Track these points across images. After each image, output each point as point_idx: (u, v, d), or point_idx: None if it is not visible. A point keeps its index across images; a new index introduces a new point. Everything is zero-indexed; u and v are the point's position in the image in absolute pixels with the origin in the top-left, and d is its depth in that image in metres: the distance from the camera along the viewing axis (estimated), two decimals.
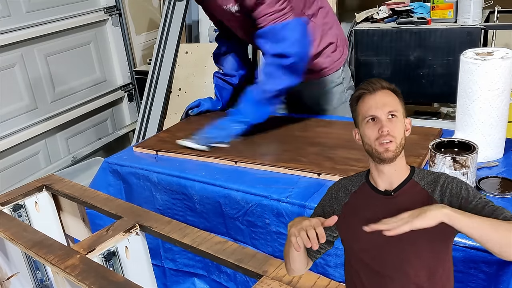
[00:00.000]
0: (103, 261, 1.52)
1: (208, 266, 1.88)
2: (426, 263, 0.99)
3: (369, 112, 1.00)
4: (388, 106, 1.00)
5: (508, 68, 1.51)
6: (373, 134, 0.99)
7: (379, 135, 0.98)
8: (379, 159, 0.99)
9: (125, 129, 4.02)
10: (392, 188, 1.02)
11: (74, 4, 3.52)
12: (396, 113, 1.00)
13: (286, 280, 1.27)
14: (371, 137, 1.00)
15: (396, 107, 1.01)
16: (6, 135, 3.08)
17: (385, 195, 1.02)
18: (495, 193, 1.41)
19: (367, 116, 1.00)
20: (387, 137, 0.98)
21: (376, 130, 0.99)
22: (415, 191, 1.01)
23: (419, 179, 1.03)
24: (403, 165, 1.03)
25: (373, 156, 1.01)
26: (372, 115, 1.00)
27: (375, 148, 0.99)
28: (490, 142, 1.59)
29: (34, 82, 3.27)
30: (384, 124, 0.98)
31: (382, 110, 0.99)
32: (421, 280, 0.99)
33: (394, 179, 1.02)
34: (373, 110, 1.00)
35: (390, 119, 0.99)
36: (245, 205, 1.64)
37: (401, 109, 1.02)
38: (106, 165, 2.05)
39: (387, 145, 0.98)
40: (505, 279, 1.21)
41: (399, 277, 0.99)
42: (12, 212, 1.86)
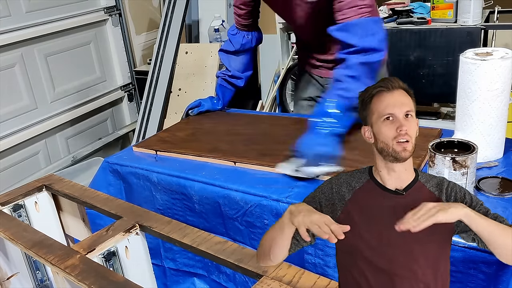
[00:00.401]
0: (103, 261, 1.52)
1: (208, 266, 1.88)
2: (432, 262, 1.00)
3: (387, 110, 1.00)
4: (406, 106, 1.00)
5: (508, 68, 1.51)
6: (390, 132, 0.99)
7: (397, 134, 0.98)
8: (395, 158, 0.99)
9: (125, 129, 4.02)
10: (401, 188, 1.02)
11: (74, 4, 3.52)
12: (412, 112, 1.00)
13: (286, 280, 1.27)
14: (388, 135, 0.99)
15: (412, 107, 1.01)
16: (6, 135, 3.08)
17: (396, 194, 1.02)
18: (495, 193, 1.41)
19: (385, 114, 1.00)
20: (405, 136, 0.98)
21: (394, 128, 0.98)
22: (423, 193, 1.02)
23: (424, 181, 1.04)
24: (411, 166, 1.04)
25: (388, 154, 1.00)
26: (390, 113, 0.99)
27: (392, 147, 0.99)
28: (489, 142, 1.59)
29: (34, 82, 3.27)
30: (403, 123, 0.98)
31: (400, 109, 0.99)
32: (428, 278, 1.00)
33: (403, 179, 1.02)
34: (391, 108, 0.99)
35: (406, 119, 0.99)
36: (244, 205, 1.64)
37: (415, 110, 1.03)
38: (106, 164, 2.06)
39: (404, 145, 0.98)
40: (504, 279, 1.21)
41: (407, 276, 0.99)
42: (12, 212, 1.86)
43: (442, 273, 1.02)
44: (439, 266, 1.01)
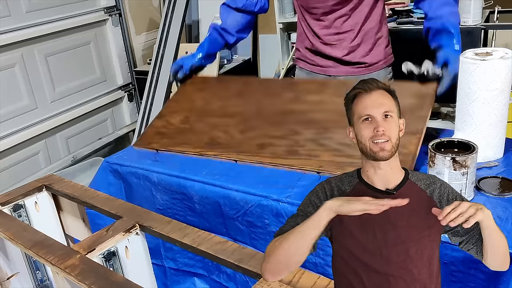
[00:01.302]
0: (103, 261, 1.52)
1: (208, 266, 1.88)
2: (427, 261, 1.00)
3: (364, 112, 1.01)
4: (384, 106, 1.01)
5: (507, 68, 1.51)
6: (368, 133, 1.00)
7: (374, 134, 0.99)
8: (374, 158, 1.00)
9: (125, 129, 4.01)
10: (390, 187, 1.02)
11: (74, 4, 3.52)
12: (391, 113, 1.01)
13: (286, 280, 1.27)
14: (366, 135, 1.00)
15: (392, 107, 1.02)
16: (6, 135, 3.08)
17: (387, 194, 1.02)
18: (495, 193, 1.41)
19: (363, 116, 1.01)
20: (382, 137, 0.99)
21: (371, 129, 1.00)
22: (414, 191, 1.03)
23: (415, 179, 1.05)
24: (398, 165, 1.05)
25: (367, 155, 1.02)
26: (368, 114, 1.01)
27: (369, 147, 1.00)
28: (489, 142, 1.59)
29: (34, 82, 3.27)
30: (380, 124, 0.99)
31: (378, 110, 1.00)
32: (423, 277, 1.00)
33: (390, 178, 1.03)
34: (368, 109, 1.01)
35: (385, 119, 1.00)
36: (244, 205, 1.64)
37: (396, 110, 1.03)
38: (106, 164, 2.05)
39: (382, 145, 0.99)
40: (505, 279, 1.21)
41: (404, 276, 0.99)
42: (12, 212, 1.87)
43: (435, 272, 1.03)
44: (433, 264, 1.02)
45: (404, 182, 1.04)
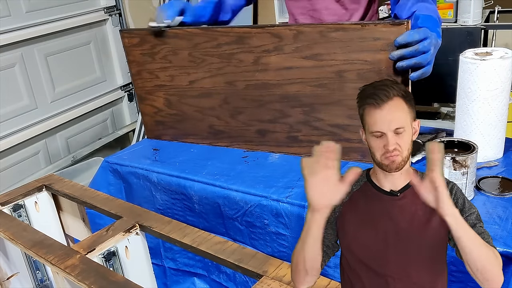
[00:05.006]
0: (103, 261, 1.52)
1: (208, 266, 1.88)
2: (428, 264, 0.99)
3: (374, 128, 0.96)
4: (395, 123, 0.94)
5: (507, 68, 1.51)
6: (378, 147, 0.96)
7: (385, 150, 0.95)
8: (384, 170, 0.98)
9: (125, 129, 4.01)
10: (396, 189, 1.01)
11: (74, 4, 3.51)
12: (402, 128, 0.95)
13: (286, 280, 1.27)
14: (376, 149, 0.97)
15: (404, 121, 0.95)
16: (6, 135, 3.08)
17: (391, 195, 1.01)
18: (495, 193, 1.41)
19: (372, 131, 0.97)
20: (393, 153, 0.95)
21: (381, 145, 0.96)
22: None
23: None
24: (408, 168, 1.02)
25: (377, 165, 0.99)
26: (378, 131, 0.96)
27: (380, 161, 0.97)
28: (489, 142, 1.59)
29: (34, 82, 3.27)
30: (390, 142, 0.94)
31: (389, 127, 0.94)
32: (423, 281, 0.99)
33: (399, 181, 1.01)
34: (378, 126, 0.95)
35: (397, 135, 0.95)
36: (244, 205, 1.64)
37: (410, 118, 0.97)
38: (106, 164, 2.06)
39: (393, 158, 0.95)
40: (504, 279, 1.21)
41: (402, 278, 0.99)
42: (12, 212, 1.87)
43: (439, 278, 1.01)
44: (435, 270, 1.00)
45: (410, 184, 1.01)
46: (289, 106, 1.79)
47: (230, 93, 1.92)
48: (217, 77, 1.91)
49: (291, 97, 1.78)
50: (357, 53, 1.58)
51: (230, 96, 1.92)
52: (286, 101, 1.79)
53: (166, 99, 2.10)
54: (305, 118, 1.77)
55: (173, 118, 2.11)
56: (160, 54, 2.02)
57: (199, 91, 1.99)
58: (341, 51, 1.61)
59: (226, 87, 1.91)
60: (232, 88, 1.90)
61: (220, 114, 1.97)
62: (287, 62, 1.73)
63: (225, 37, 1.83)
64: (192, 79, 1.99)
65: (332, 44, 1.61)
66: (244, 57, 1.82)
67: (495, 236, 1.24)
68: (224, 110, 1.95)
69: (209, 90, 1.96)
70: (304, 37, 1.66)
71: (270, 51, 1.75)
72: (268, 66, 1.78)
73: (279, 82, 1.78)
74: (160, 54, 2.02)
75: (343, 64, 1.62)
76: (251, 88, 1.85)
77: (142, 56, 2.08)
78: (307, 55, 1.68)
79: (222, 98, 1.94)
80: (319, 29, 1.62)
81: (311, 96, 1.73)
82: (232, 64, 1.86)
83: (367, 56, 1.56)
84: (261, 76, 1.81)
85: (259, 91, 1.84)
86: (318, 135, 1.74)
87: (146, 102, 2.15)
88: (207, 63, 1.91)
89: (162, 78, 2.07)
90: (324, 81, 1.68)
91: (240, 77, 1.86)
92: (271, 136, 1.87)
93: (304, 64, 1.70)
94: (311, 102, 1.74)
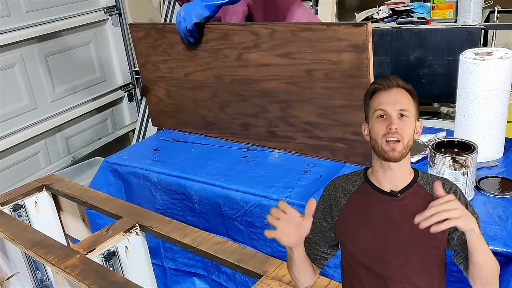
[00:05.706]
0: (103, 261, 1.52)
1: (208, 266, 1.88)
2: (427, 267, 0.99)
3: (380, 106, 0.99)
4: (400, 104, 0.98)
5: (507, 68, 1.51)
6: (381, 130, 0.98)
7: (386, 131, 0.96)
8: (384, 158, 0.98)
9: (125, 129, 4.01)
10: (396, 190, 1.01)
11: (74, 4, 3.51)
12: (407, 112, 0.98)
13: (286, 280, 1.27)
14: (379, 132, 0.98)
15: (408, 106, 0.99)
16: (6, 135, 3.08)
17: (391, 196, 1.00)
18: (495, 193, 1.41)
19: (378, 110, 0.99)
20: (394, 135, 0.96)
21: (384, 126, 0.97)
22: (420, 195, 1.00)
23: (424, 183, 1.02)
24: (408, 167, 1.02)
25: (378, 153, 0.99)
26: (383, 109, 0.98)
27: (381, 146, 0.97)
28: (489, 142, 1.59)
29: (34, 82, 3.27)
30: (393, 121, 0.96)
31: (393, 107, 0.97)
32: (422, 283, 0.99)
33: (399, 180, 1.01)
34: (384, 105, 0.98)
35: (400, 118, 0.97)
36: (244, 205, 1.64)
37: (414, 110, 1.00)
38: (106, 164, 2.06)
39: (394, 145, 0.96)
40: (504, 279, 1.21)
41: (401, 280, 0.99)
42: (12, 212, 1.87)
43: (438, 281, 1.01)
44: (434, 273, 1.00)
45: (411, 185, 1.01)
46: (268, 101, 1.85)
47: (218, 87, 1.99)
48: (207, 71, 1.99)
49: (269, 93, 1.84)
50: (324, 53, 1.63)
51: (218, 90, 2.00)
52: (265, 97, 1.85)
53: (167, 90, 2.20)
54: (282, 114, 1.82)
55: (173, 108, 2.22)
56: (161, 48, 2.12)
57: (193, 83, 2.07)
58: (310, 50, 1.66)
59: (215, 81, 1.99)
60: (219, 82, 1.98)
61: (211, 106, 2.05)
62: (264, 59, 1.80)
63: (212, 33, 1.91)
64: (187, 72, 2.07)
65: (302, 44, 1.67)
66: (229, 53, 1.89)
67: (495, 236, 1.24)
68: (214, 103, 2.03)
69: (201, 83, 2.04)
70: (278, 36, 1.72)
71: (250, 48, 1.82)
72: (249, 62, 1.84)
73: (258, 78, 1.84)
74: (160, 48, 2.12)
75: (312, 63, 1.67)
76: (236, 83, 1.92)
77: (146, 49, 2.18)
78: (281, 53, 1.74)
79: (212, 91, 2.02)
80: (290, 29, 1.69)
81: (285, 93, 1.79)
82: (219, 59, 1.93)
83: (332, 56, 1.61)
84: (243, 72, 1.88)
85: (242, 86, 1.91)
86: (293, 131, 1.81)
87: (151, 92, 2.29)
88: (199, 57, 1.99)
89: (163, 70, 2.17)
90: (296, 79, 1.74)
91: (226, 72, 1.94)
92: (253, 130, 1.94)
93: (279, 61, 1.76)
94: (286, 99, 1.80)
